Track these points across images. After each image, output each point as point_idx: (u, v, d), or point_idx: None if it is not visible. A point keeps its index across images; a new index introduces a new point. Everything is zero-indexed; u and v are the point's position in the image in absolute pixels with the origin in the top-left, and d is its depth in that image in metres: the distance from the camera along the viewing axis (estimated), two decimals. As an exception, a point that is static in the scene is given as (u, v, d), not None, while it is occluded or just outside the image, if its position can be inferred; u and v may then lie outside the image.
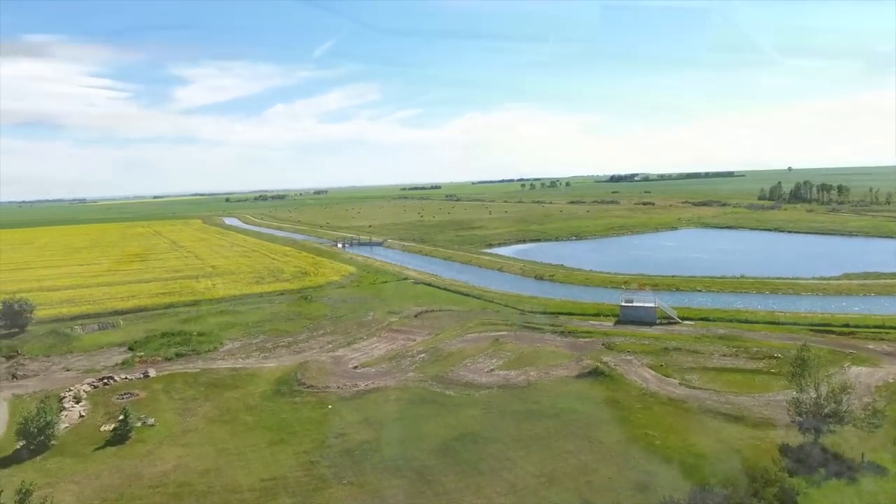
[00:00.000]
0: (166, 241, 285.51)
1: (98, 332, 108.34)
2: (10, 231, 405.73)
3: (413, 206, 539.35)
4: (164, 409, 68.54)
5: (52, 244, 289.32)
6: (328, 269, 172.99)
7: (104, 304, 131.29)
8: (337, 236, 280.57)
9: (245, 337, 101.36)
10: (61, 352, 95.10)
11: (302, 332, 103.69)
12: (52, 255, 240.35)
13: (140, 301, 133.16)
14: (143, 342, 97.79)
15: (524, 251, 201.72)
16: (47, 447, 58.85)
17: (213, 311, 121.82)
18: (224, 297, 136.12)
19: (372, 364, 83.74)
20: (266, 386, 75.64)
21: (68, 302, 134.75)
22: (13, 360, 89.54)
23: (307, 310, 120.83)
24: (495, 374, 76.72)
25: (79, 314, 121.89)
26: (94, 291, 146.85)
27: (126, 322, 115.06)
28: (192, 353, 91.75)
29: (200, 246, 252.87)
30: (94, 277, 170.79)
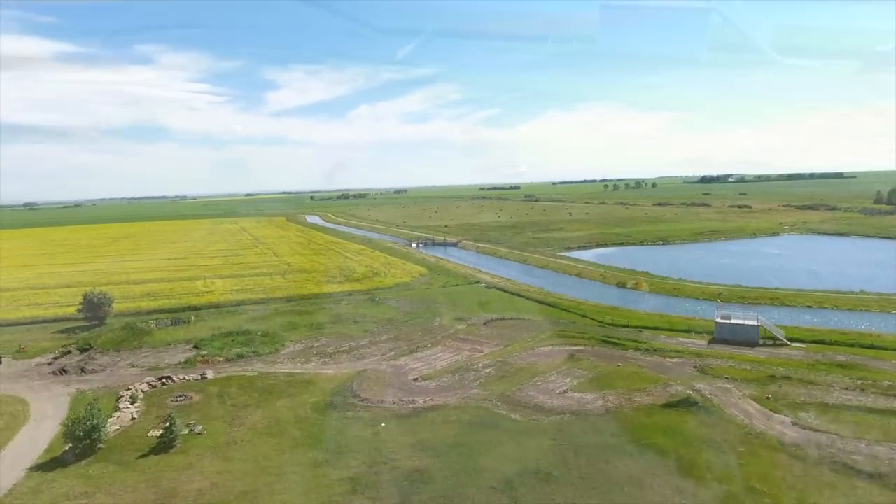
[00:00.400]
0: (250, 237, 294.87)
1: (170, 327, 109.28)
2: (116, 225, 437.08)
3: (490, 206, 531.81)
4: (213, 417, 65.49)
5: (148, 238, 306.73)
6: (399, 270, 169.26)
7: (181, 298, 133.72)
8: (412, 236, 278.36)
9: (308, 339, 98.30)
10: (131, 346, 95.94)
11: (365, 336, 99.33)
12: (146, 248, 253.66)
13: (214, 297, 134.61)
14: (208, 340, 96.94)
15: (605, 256, 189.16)
16: (93, 451, 56.92)
17: (280, 311, 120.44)
18: (293, 296, 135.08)
19: (433, 377, 77.43)
20: (320, 396, 71.21)
21: (148, 296, 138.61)
22: (86, 354, 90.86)
23: (373, 312, 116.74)
24: (568, 396, 68.20)
25: (155, 308, 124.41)
26: (175, 286, 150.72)
27: (197, 318, 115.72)
28: (253, 354, 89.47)
29: (280, 243, 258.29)
30: (177, 272, 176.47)
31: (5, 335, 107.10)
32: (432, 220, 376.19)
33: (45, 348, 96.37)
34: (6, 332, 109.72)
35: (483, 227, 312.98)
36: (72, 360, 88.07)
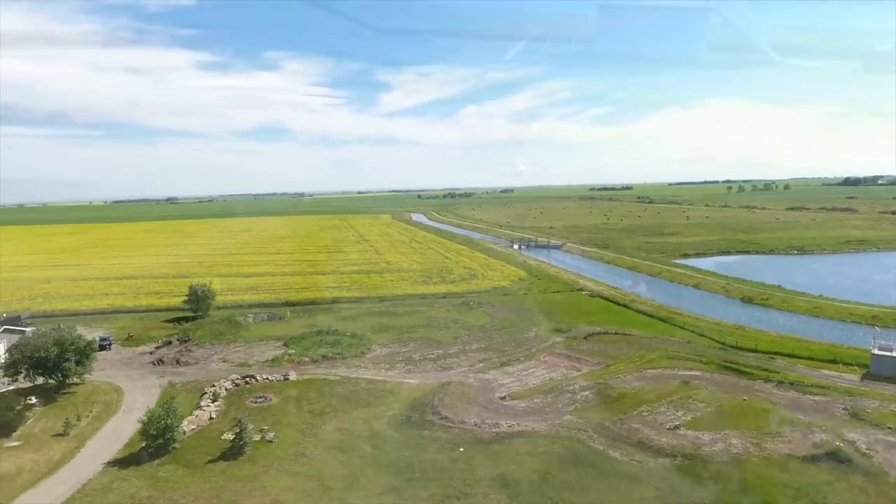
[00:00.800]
0: (355, 234, 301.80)
1: (266, 322, 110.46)
2: (238, 220, 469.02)
3: (600, 207, 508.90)
4: (287, 423, 62.64)
5: (263, 233, 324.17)
6: (497, 273, 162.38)
7: (280, 294, 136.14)
8: (514, 237, 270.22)
9: (395, 343, 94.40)
10: (226, 340, 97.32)
11: (454, 343, 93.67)
12: (259, 242, 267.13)
13: (311, 294, 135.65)
14: (297, 339, 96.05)
15: (728, 265, 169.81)
16: (167, 450, 55.78)
17: (373, 311, 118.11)
18: (387, 297, 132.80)
19: (523, 396, 69.88)
20: (398, 408, 66.31)
21: (252, 289, 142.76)
22: (184, 345, 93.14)
23: (466, 318, 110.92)
24: (681, 433, 57.88)
25: (256, 302, 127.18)
26: (277, 281, 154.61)
27: (293, 315, 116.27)
28: (339, 356, 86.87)
29: (382, 241, 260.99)
30: (282, 266, 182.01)
31: (123, 321, 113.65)
32: (537, 221, 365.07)
33: (151, 337, 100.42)
34: (125, 318, 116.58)
35: (590, 229, 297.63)
36: (170, 351, 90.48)
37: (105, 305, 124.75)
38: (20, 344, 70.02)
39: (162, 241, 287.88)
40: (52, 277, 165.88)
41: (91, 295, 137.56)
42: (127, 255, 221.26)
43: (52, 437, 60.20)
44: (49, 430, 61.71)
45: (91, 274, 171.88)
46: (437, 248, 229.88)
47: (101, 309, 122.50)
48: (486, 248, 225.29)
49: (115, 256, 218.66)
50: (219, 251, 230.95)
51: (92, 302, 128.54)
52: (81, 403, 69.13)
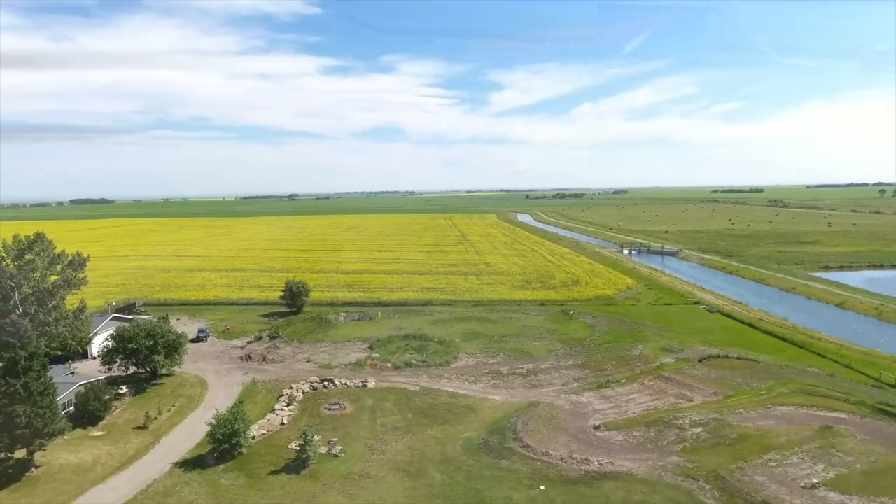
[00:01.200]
0: (457, 233, 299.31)
1: (355, 322, 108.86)
2: (347, 216, 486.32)
3: (724, 210, 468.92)
4: (357, 436, 58.61)
5: (370, 230, 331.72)
6: (603, 280, 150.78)
7: (375, 293, 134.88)
8: (624, 241, 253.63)
9: (483, 353, 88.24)
10: (314, 339, 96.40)
11: (548, 357, 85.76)
12: (364, 239, 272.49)
13: (405, 294, 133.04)
14: (384, 342, 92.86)
15: (881, 282, 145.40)
16: (233, 455, 53.74)
17: (465, 316, 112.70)
18: (481, 301, 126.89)
19: (621, 427, 60.87)
20: (478, 429, 60.08)
21: (348, 287, 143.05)
22: (273, 342, 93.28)
23: (564, 329, 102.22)
24: (820, 495, 46.50)
25: (349, 301, 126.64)
26: (374, 279, 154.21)
27: (383, 315, 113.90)
28: (422, 364, 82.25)
29: (484, 241, 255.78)
30: (381, 265, 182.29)
31: (225, 313, 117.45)
32: (651, 225, 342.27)
33: (246, 331, 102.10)
34: (227, 310, 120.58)
35: (712, 234, 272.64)
36: (259, 347, 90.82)
37: (212, 297, 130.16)
38: (116, 334, 72.29)
39: (275, 235, 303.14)
40: (173, 268, 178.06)
41: (202, 286, 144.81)
42: (242, 249, 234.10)
43: (132, 430, 60.71)
44: (131, 422, 62.42)
45: (207, 265, 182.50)
46: (540, 250, 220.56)
47: (208, 300, 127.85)
48: (593, 253, 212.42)
49: (231, 249, 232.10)
50: (325, 247, 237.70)
51: (202, 293, 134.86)
52: (167, 396, 69.96)
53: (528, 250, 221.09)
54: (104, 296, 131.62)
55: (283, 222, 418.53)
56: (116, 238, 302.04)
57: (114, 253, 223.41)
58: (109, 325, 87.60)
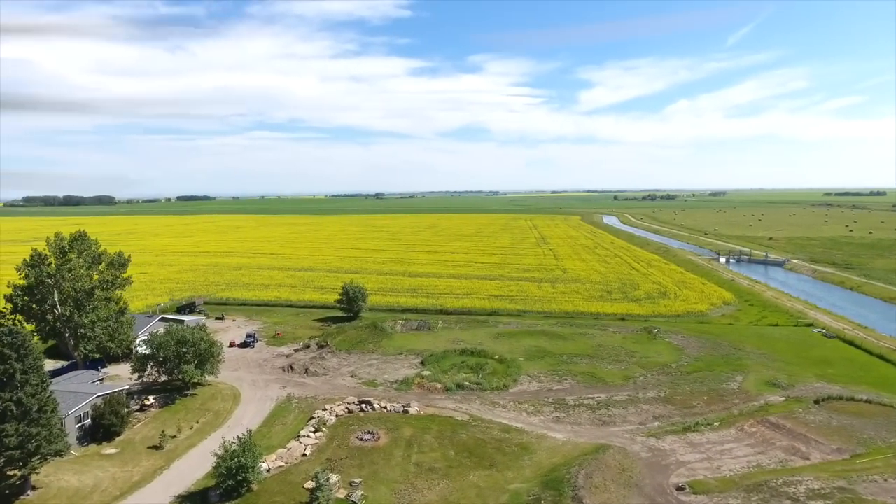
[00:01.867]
0: (537, 236, 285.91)
1: (412, 332, 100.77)
2: (427, 216, 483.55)
3: (839, 215, 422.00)
4: (386, 478, 49.83)
5: (447, 230, 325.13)
6: (695, 293, 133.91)
7: (438, 299, 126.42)
8: (721, 248, 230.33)
9: (549, 376, 77.12)
10: (364, 349, 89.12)
11: (624, 386, 73.33)
12: (439, 240, 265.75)
13: (471, 302, 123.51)
14: (438, 357, 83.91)
15: None
16: (240, 493, 46.63)
17: (533, 330, 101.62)
18: (553, 312, 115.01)
19: (713, 490, 48.16)
20: (529, 479, 49.57)
21: (412, 291, 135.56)
22: (320, 352, 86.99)
23: (645, 351, 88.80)
24: None
25: (410, 307, 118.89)
26: (440, 284, 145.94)
27: (443, 325, 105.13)
28: (477, 386, 72.43)
29: (564, 245, 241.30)
30: (450, 268, 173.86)
31: (281, 315, 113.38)
32: (753, 230, 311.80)
33: (296, 337, 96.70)
34: (285, 312, 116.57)
35: (825, 242, 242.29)
36: (305, 357, 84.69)
37: (272, 298, 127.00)
38: (149, 340, 68.07)
39: (352, 234, 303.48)
40: (244, 265, 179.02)
41: (267, 285, 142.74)
42: (315, 247, 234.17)
43: (146, 450, 55.42)
44: (149, 440, 57.27)
45: (277, 264, 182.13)
46: (624, 256, 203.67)
47: (268, 301, 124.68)
48: (684, 261, 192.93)
49: (306, 248, 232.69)
50: (398, 247, 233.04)
51: (264, 293, 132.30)
52: (194, 410, 64.70)
53: (612, 256, 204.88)
54: (171, 293, 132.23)
55: (362, 221, 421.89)
56: (205, 233, 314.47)
57: (196, 248, 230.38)
58: (158, 326, 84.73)
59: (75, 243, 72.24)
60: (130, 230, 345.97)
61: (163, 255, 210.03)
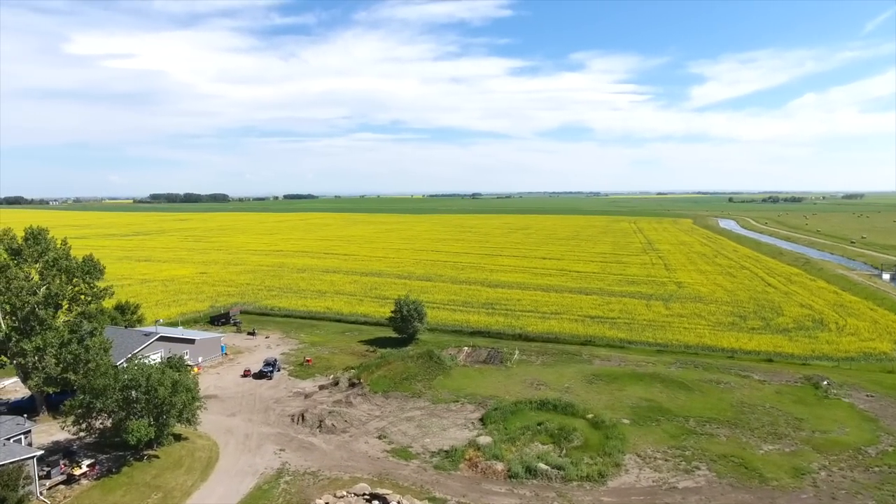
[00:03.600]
0: (642, 240, 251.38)
1: (479, 365, 77.39)
2: (519, 217, 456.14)
3: None
4: None
5: (540, 232, 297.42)
6: (865, 323, 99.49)
7: (518, 319, 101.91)
8: (881, 261, 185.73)
9: (669, 459, 50.78)
10: (408, 391, 66.83)
11: (798, 490, 45.56)
12: (530, 243, 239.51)
13: (559, 324, 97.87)
14: (505, 412, 59.97)
15: None
16: None
17: (642, 371, 74.65)
18: (670, 344, 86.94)
19: None
20: None
21: (488, 307, 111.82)
22: (349, 393, 65.77)
23: (817, 419, 59.50)
24: None
25: (482, 328, 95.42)
26: (524, 297, 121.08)
27: (521, 357, 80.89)
28: (557, 473, 47.74)
29: (676, 252, 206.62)
30: (539, 277, 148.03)
31: (323, 333, 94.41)
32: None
33: (329, 366, 76.45)
34: (329, 328, 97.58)
35: None
36: (327, 400, 63.86)
37: (322, 309, 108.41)
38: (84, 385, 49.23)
39: (437, 234, 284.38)
40: (310, 267, 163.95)
41: (323, 292, 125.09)
42: (394, 249, 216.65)
43: (33, 564, 36.27)
44: (48, 543, 38.25)
45: (345, 266, 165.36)
46: (754, 267, 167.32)
47: (315, 313, 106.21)
48: (835, 276, 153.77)
49: (383, 249, 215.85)
50: (483, 250, 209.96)
51: (315, 302, 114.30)
52: (139, 487, 45.29)
53: (737, 267, 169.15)
54: (216, 298, 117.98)
55: (453, 221, 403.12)
56: (290, 231, 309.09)
57: (271, 247, 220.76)
58: (150, 350, 67.69)
59: (28, 243, 55.55)
60: (223, 226, 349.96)
61: (234, 253, 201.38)
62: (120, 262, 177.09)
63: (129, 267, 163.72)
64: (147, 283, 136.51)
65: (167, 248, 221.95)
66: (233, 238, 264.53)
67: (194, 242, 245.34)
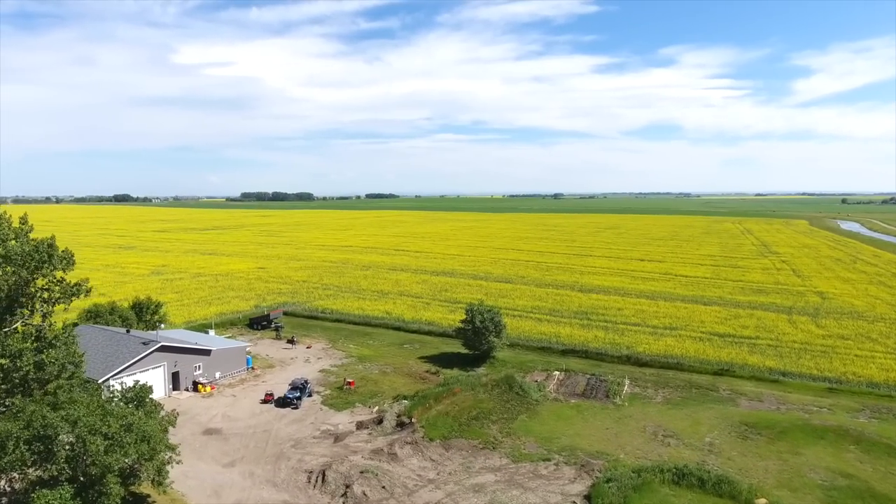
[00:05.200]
0: (755, 242, 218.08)
1: (577, 400, 56.87)
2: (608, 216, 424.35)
3: None
4: None
5: (632, 232, 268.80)
6: None
7: (622, 334, 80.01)
8: None
9: None
10: (478, 439, 47.42)
11: None
12: (624, 243, 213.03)
13: (680, 344, 75.18)
14: (624, 488, 39.26)
15: None
16: None
17: (820, 424, 51.16)
18: (846, 379, 62.35)
19: None
20: None
21: (583, 316, 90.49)
22: (395, 439, 47.17)
23: None
24: None
25: (577, 346, 74.48)
26: (626, 305, 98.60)
27: (634, 387, 59.63)
28: None
29: (801, 256, 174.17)
30: (641, 281, 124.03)
31: (376, 345, 77.10)
32: None
33: (376, 391, 58.53)
34: (386, 337, 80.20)
35: None
36: (367, 446, 45.71)
37: (380, 314, 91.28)
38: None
39: (517, 232, 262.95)
40: (375, 264, 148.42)
41: (384, 293, 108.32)
42: (470, 246, 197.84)
43: None
44: None
45: (414, 264, 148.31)
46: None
47: (371, 318, 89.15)
48: None
49: (458, 245, 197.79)
50: (570, 249, 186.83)
51: (374, 304, 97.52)
52: None
53: (888, 275, 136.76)
54: (264, 297, 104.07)
55: (534, 219, 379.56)
56: (363, 227, 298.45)
57: (340, 243, 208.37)
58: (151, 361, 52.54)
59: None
60: (300, 222, 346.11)
61: (300, 248, 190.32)
62: (185, 254, 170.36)
63: (189, 260, 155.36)
64: (199, 277, 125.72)
65: (237, 242, 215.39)
66: (305, 233, 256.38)
67: (266, 237, 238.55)
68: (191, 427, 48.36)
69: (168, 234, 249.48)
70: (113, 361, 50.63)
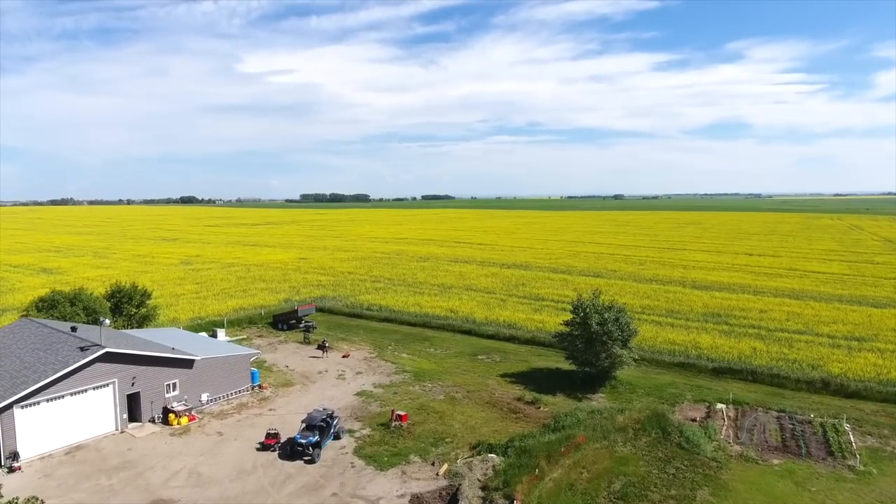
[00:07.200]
0: (872, 237, 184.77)
1: (773, 457, 33.98)
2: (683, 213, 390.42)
3: None
4: None
5: (717, 227, 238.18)
6: None
7: (800, 350, 55.83)
8: None
9: None
10: None
11: None
12: (714, 237, 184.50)
13: (879, 362, 50.49)
14: None
15: None
16: None
17: None
18: None
19: None
20: None
21: (713, 320, 66.50)
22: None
23: None
24: None
25: (732, 364, 51.06)
26: (770, 306, 73.75)
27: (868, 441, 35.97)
28: None
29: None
30: (768, 279, 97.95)
31: (441, 354, 56.07)
32: None
33: (442, 434, 37.24)
34: (453, 345, 59.12)
35: None
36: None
37: (443, 311, 70.11)
38: None
39: (589, 227, 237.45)
40: (433, 255, 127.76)
41: (448, 287, 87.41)
42: (540, 239, 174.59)
43: None
44: None
45: (479, 256, 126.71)
46: None
47: (432, 317, 68.07)
48: None
49: (527, 238, 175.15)
50: (656, 244, 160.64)
51: (434, 301, 76.50)
52: None
53: None
54: (298, 290, 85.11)
55: (599, 216, 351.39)
56: (419, 223, 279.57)
57: (393, 236, 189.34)
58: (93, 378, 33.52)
59: None
60: (354, 218, 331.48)
61: (350, 240, 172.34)
62: (227, 245, 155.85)
63: (225, 251, 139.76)
64: (230, 267, 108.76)
65: (284, 235, 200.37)
66: (357, 227, 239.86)
67: (316, 230, 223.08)
68: (130, 495, 28.71)
69: (216, 229, 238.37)
70: (27, 377, 31.72)
